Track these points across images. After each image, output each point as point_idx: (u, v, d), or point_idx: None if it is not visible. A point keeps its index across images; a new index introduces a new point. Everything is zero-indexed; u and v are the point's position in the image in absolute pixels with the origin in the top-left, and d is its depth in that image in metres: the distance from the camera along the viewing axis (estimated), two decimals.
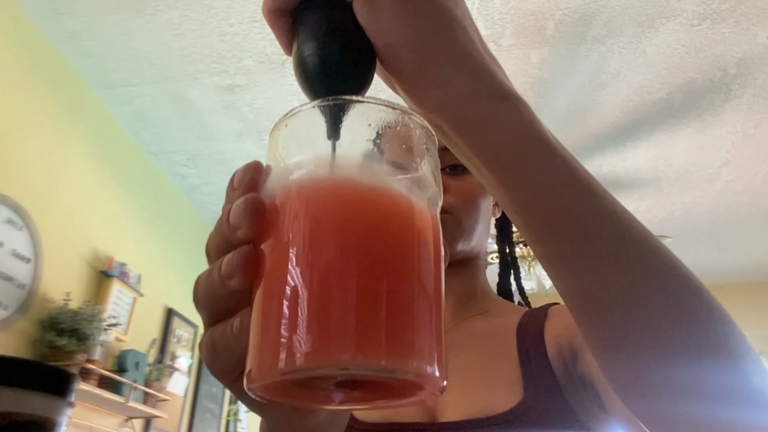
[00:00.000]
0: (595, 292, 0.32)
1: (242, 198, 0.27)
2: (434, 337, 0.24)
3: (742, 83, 2.67)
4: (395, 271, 0.24)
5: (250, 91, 2.76)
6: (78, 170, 2.67)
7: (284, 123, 0.28)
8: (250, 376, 0.24)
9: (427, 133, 0.29)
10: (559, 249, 0.33)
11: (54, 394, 0.46)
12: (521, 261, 3.58)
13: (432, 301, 0.25)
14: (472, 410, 0.59)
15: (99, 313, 2.50)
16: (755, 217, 3.80)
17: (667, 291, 0.32)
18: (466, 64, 0.32)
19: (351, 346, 0.22)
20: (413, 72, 0.32)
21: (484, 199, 0.73)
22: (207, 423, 3.64)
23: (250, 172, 0.28)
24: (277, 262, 0.25)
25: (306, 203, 0.25)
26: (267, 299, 0.25)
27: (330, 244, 0.24)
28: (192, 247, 3.73)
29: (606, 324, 0.33)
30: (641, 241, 0.33)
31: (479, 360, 0.65)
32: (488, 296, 0.75)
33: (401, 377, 0.23)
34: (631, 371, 0.33)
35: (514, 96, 0.33)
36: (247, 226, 0.26)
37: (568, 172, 0.32)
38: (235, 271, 0.26)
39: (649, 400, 0.33)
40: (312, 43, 0.30)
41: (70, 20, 2.39)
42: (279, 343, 0.23)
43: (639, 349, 0.32)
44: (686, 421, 0.32)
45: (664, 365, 0.31)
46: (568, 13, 2.32)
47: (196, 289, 0.29)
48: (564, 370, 0.60)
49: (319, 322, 0.23)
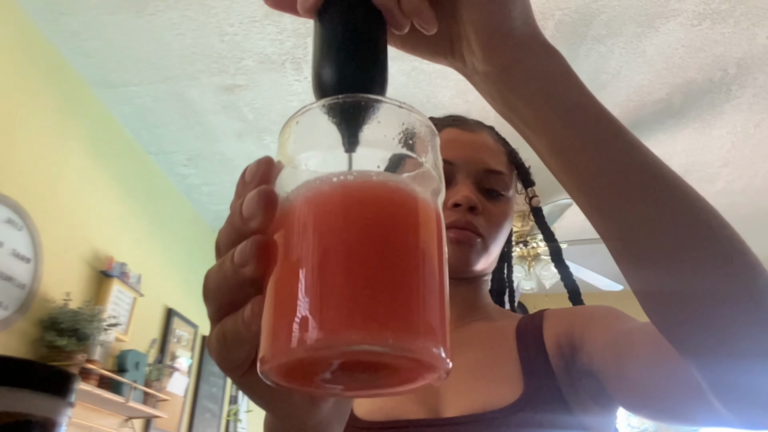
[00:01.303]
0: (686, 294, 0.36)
1: (256, 190, 0.28)
2: (440, 320, 0.25)
3: (742, 83, 2.67)
4: (403, 257, 0.25)
5: (250, 91, 2.76)
6: (78, 170, 2.67)
7: (295, 120, 0.29)
8: (264, 359, 0.25)
9: (431, 130, 0.30)
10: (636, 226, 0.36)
11: (54, 394, 0.46)
12: (521, 261, 3.58)
13: (437, 285, 0.26)
14: (474, 405, 0.61)
15: (99, 313, 2.50)
16: (755, 217, 3.80)
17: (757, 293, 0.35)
18: (532, 22, 0.37)
19: (361, 325, 0.23)
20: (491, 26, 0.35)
21: (508, 226, 0.77)
22: (207, 423, 3.64)
23: (263, 166, 0.29)
24: (289, 248, 0.26)
25: (316, 195, 0.26)
26: (279, 284, 0.26)
27: (340, 231, 0.25)
28: (192, 247, 3.73)
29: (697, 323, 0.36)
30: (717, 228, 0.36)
31: (480, 358, 0.67)
32: (488, 306, 0.78)
33: (409, 355, 0.24)
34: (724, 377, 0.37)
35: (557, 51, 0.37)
36: (261, 216, 0.27)
37: (617, 123, 0.37)
38: (249, 259, 0.27)
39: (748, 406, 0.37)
40: (330, 63, 0.32)
41: (70, 20, 2.39)
42: (292, 325, 0.24)
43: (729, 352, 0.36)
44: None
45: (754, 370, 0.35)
46: (568, 13, 2.32)
47: (207, 281, 0.30)
48: (563, 366, 0.63)
49: (329, 303, 0.24)
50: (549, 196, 3.22)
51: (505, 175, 0.75)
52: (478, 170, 0.73)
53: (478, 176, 0.73)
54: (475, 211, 0.70)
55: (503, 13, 0.35)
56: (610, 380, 0.56)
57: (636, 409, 0.55)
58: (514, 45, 0.36)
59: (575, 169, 0.37)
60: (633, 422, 4.66)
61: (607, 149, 0.36)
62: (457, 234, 0.69)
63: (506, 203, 0.75)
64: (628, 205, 0.36)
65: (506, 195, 0.75)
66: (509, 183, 0.76)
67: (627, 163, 0.36)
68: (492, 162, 0.74)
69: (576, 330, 0.63)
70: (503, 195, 0.75)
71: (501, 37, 0.35)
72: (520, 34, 0.36)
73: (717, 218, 0.36)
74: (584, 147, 0.36)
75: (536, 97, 0.36)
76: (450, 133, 0.76)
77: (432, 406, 0.64)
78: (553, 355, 0.64)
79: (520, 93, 0.37)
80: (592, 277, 3.49)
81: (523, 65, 0.36)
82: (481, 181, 0.73)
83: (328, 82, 0.32)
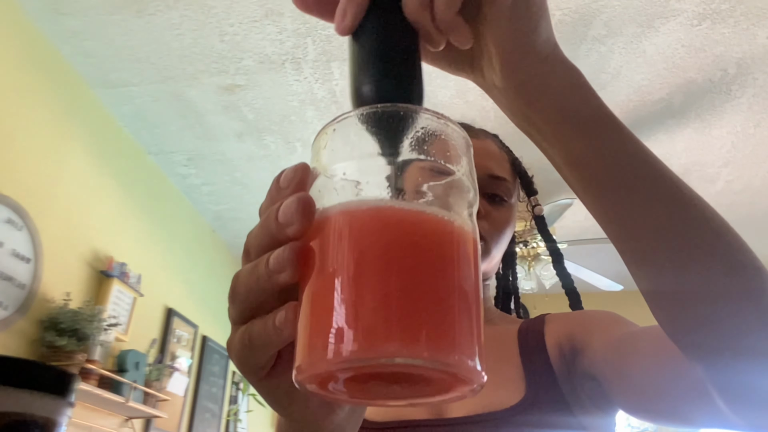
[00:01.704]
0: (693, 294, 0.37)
1: (294, 196, 0.27)
2: (475, 335, 0.25)
3: (742, 83, 2.67)
4: (440, 272, 0.26)
5: (250, 91, 2.76)
6: (78, 170, 2.67)
7: (332, 127, 0.29)
8: (300, 368, 0.25)
9: (466, 142, 0.30)
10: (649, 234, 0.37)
11: (54, 394, 0.46)
12: (521, 261, 3.58)
13: (472, 300, 0.26)
14: (478, 406, 0.62)
15: (99, 313, 2.50)
16: (755, 217, 3.80)
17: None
18: (553, 39, 0.37)
19: (397, 337, 0.23)
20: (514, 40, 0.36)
21: (510, 231, 0.78)
22: (207, 423, 3.64)
23: (300, 172, 0.29)
24: (327, 259, 0.26)
25: (356, 211, 0.27)
26: (317, 294, 0.26)
27: (379, 245, 0.26)
28: (192, 247, 3.73)
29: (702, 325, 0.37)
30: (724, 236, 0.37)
31: None
32: (490, 310, 0.80)
33: (445, 369, 0.24)
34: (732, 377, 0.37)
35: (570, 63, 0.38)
36: (299, 223, 0.27)
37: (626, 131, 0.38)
38: (286, 265, 0.27)
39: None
40: (369, 80, 0.32)
41: (70, 20, 2.39)
42: (328, 336, 0.24)
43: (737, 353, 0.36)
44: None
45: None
46: (568, 13, 2.32)
47: (236, 284, 0.30)
48: (564, 368, 0.64)
49: (368, 316, 0.24)
50: (549, 196, 3.22)
51: (509, 182, 0.77)
52: (482, 176, 0.74)
53: (482, 182, 0.74)
54: (478, 215, 0.71)
55: (530, 33, 0.35)
56: (612, 383, 0.56)
57: (638, 411, 0.55)
58: (536, 62, 0.36)
59: (592, 182, 0.38)
60: (633, 422, 4.66)
61: (623, 163, 0.37)
62: None
63: (509, 209, 0.77)
64: (643, 214, 0.37)
65: (509, 201, 0.77)
66: (512, 190, 0.78)
67: (643, 175, 0.37)
68: (496, 168, 0.76)
69: (577, 334, 0.64)
70: (506, 201, 0.76)
71: (523, 55, 0.36)
72: (542, 51, 0.36)
73: (723, 224, 0.37)
74: (601, 160, 0.37)
75: (553, 112, 0.37)
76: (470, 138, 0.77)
77: (436, 407, 0.64)
78: (555, 358, 0.64)
79: (537, 108, 0.37)
80: (592, 277, 3.49)
81: (543, 80, 0.36)
82: (485, 186, 0.75)
83: (368, 100, 0.32)
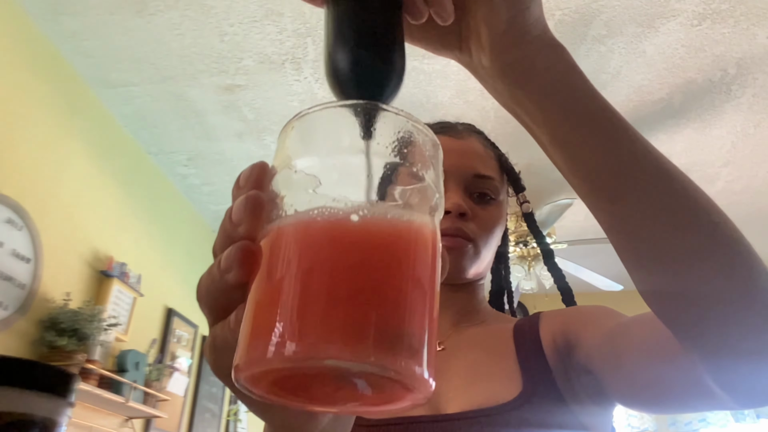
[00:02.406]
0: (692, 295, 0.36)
1: (244, 196, 0.27)
2: (425, 341, 0.24)
3: (742, 83, 2.67)
4: (391, 271, 0.24)
5: (250, 91, 2.76)
6: (78, 170, 2.67)
7: (293, 124, 0.28)
8: (238, 367, 0.24)
9: (434, 144, 0.29)
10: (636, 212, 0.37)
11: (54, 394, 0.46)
12: (521, 261, 3.58)
13: (426, 305, 0.25)
14: (475, 402, 0.62)
15: (99, 313, 2.50)
16: (755, 217, 3.81)
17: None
18: (543, 20, 0.37)
19: (341, 340, 0.22)
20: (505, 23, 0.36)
21: (500, 230, 0.77)
22: (207, 423, 3.64)
23: (256, 171, 0.29)
24: (271, 256, 0.25)
25: (308, 209, 0.25)
26: (260, 292, 0.25)
27: (325, 241, 0.24)
28: (192, 247, 3.73)
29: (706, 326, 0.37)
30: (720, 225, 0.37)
31: (479, 358, 0.69)
32: (485, 310, 0.79)
33: (390, 375, 0.22)
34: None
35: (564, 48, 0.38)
36: (247, 221, 0.27)
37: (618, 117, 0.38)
38: (233, 265, 0.26)
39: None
40: (344, 47, 0.30)
41: (70, 20, 2.39)
42: (268, 335, 0.23)
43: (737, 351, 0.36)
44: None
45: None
46: (568, 13, 2.32)
47: (199, 287, 0.30)
48: (560, 363, 0.64)
49: (309, 316, 0.23)
50: (549, 196, 3.22)
51: (495, 180, 0.76)
52: (467, 176, 0.74)
53: (467, 182, 0.74)
54: (465, 217, 0.71)
55: (521, 12, 0.35)
56: (607, 374, 0.56)
57: (633, 401, 0.55)
58: (525, 43, 0.36)
59: (579, 163, 0.37)
60: (633, 422, 4.66)
61: (610, 143, 0.37)
62: (448, 242, 0.70)
63: (497, 207, 0.76)
64: (632, 199, 0.36)
65: (497, 199, 0.76)
66: (499, 187, 0.77)
67: (631, 157, 0.36)
68: (481, 167, 0.75)
69: (571, 328, 0.64)
70: (494, 199, 0.75)
71: (514, 36, 0.35)
72: (532, 31, 0.36)
73: (720, 215, 0.36)
74: (587, 140, 0.37)
75: (541, 91, 0.37)
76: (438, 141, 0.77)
77: (433, 403, 0.65)
78: (550, 354, 0.65)
79: (526, 88, 0.37)
80: (592, 277, 3.49)
81: (531, 61, 0.36)
82: (471, 186, 0.74)
83: (343, 70, 0.30)
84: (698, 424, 4.52)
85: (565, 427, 0.60)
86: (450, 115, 0.85)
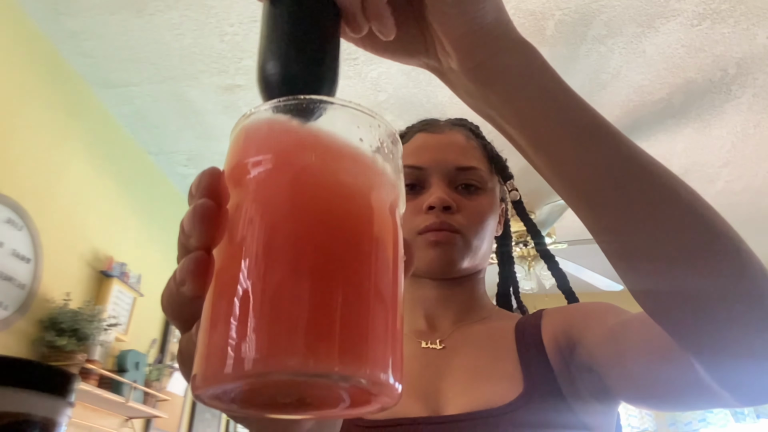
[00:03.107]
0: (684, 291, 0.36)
1: (192, 205, 0.26)
2: (390, 345, 0.23)
3: (742, 83, 2.67)
4: (350, 275, 0.23)
5: (250, 91, 2.76)
6: (78, 170, 2.67)
7: (241, 124, 0.27)
8: (195, 382, 0.23)
9: (392, 138, 0.28)
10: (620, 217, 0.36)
11: (54, 394, 0.46)
12: (521, 261, 3.58)
13: (388, 307, 0.24)
14: (475, 403, 0.61)
15: (99, 313, 2.50)
16: (755, 217, 3.80)
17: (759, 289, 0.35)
18: (505, 18, 0.37)
19: (301, 350, 0.21)
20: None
21: (491, 219, 0.75)
22: (207, 423, 3.64)
23: (206, 178, 0.27)
24: (226, 264, 0.24)
25: (258, 205, 0.24)
26: (214, 303, 0.24)
27: (281, 245, 0.23)
28: None
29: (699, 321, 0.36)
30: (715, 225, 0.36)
31: (480, 357, 0.68)
32: (487, 306, 0.78)
33: (354, 384, 0.22)
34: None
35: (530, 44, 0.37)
36: (197, 232, 0.26)
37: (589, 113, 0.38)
38: (186, 277, 0.26)
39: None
40: (275, 60, 0.29)
41: (70, 20, 2.39)
42: (225, 348, 0.22)
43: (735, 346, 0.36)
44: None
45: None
46: (568, 13, 2.32)
47: (162, 299, 0.29)
48: (561, 362, 0.63)
49: (268, 326, 0.22)
50: (549, 196, 3.22)
51: (480, 170, 0.75)
52: (449, 170, 0.73)
53: (450, 175, 0.73)
54: (450, 210, 0.71)
55: (475, 15, 0.34)
56: (610, 372, 0.56)
57: (636, 398, 0.55)
58: (488, 42, 0.35)
59: (557, 163, 0.36)
60: (633, 423, 4.66)
61: (587, 140, 0.36)
62: (435, 236, 0.70)
63: (484, 197, 0.75)
64: (613, 197, 0.35)
65: (484, 189, 0.75)
66: (486, 176, 0.76)
67: (609, 154, 0.36)
68: (462, 159, 0.74)
69: (573, 326, 0.64)
70: (480, 189, 0.74)
71: (473, 37, 0.35)
72: (492, 30, 0.35)
73: (710, 211, 0.36)
74: (564, 138, 0.36)
75: (512, 91, 0.36)
76: (419, 138, 0.77)
77: (433, 404, 0.64)
78: (552, 352, 0.64)
79: (495, 88, 0.36)
80: (592, 277, 3.49)
81: (498, 60, 0.36)
82: (455, 179, 0.73)
83: (272, 77, 0.29)
84: (698, 424, 4.51)
85: (567, 427, 0.59)
86: (450, 115, 0.85)
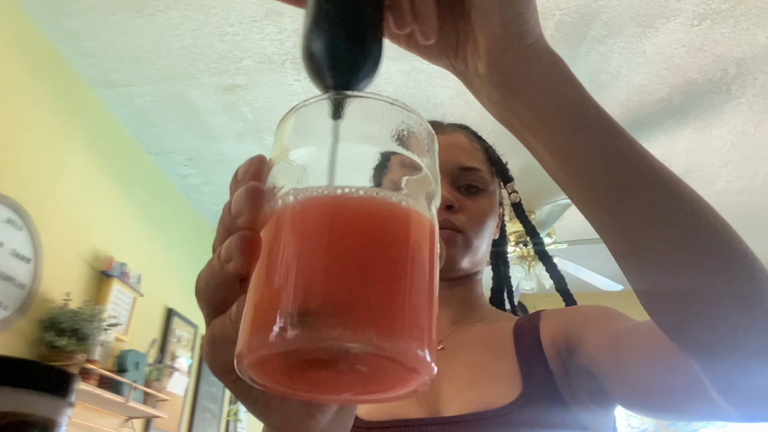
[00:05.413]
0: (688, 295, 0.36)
1: (243, 187, 0.28)
2: (426, 325, 0.24)
3: (742, 83, 2.67)
4: (391, 257, 0.25)
5: (250, 91, 2.76)
6: (78, 170, 2.67)
7: (290, 117, 0.29)
8: (240, 354, 0.24)
9: (429, 133, 0.29)
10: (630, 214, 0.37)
11: (54, 394, 0.46)
12: (521, 261, 3.58)
13: (425, 289, 0.25)
14: (474, 404, 0.62)
15: (99, 313, 2.50)
16: (755, 217, 3.80)
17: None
18: (539, 27, 0.37)
19: (342, 321, 0.22)
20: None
21: (492, 220, 0.77)
22: (207, 423, 3.64)
23: (255, 164, 0.29)
24: (274, 243, 0.25)
25: (306, 197, 0.26)
26: (261, 278, 0.25)
27: (325, 225, 0.25)
28: (192, 247, 3.73)
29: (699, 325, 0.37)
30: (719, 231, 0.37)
31: (479, 358, 0.68)
32: (484, 306, 0.79)
33: (391, 356, 0.23)
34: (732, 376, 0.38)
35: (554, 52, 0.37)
36: (246, 212, 0.27)
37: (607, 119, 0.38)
38: (233, 254, 0.27)
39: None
40: (320, 32, 0.30)
41: (70, 20, 2.39)
42: (271, 319, 0.23)
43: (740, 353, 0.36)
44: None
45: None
46: (568, 13, 2.32)
47: (198, 281, 0.30)
48: (560, 364, 0.63)
49: (311, 299, 0.23)
50: (549, 196, 3.22)
51: (482, 171, 0.76)
52: (452, 169, 0.74)
53: (453, 175, 0.74)
54: (452, 209, 0.72)
55: (518, 17, 0.35)
56: (609, 378, 0.56)
57: (635, 406, 0.55)
58: (520, 47, 0.36)
59: (578, 171, 0.37)
60: (633, 422, 4.66)
61: (609, 150, 0.37)
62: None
63: (486, 198, 0.76)
64: (631, 206, 0.36)
65: (485, 190, 0.76)
66: (487, 178, 0.77)
67: (629, 163, 0.36)
68: (465, 160, 0.75)
69: (573, 330, 0.64)
70: (482, 190, 0.76)
71: (510, 40, 0.35)
72: (528, 37, 0.36)
73: (717, 218, 0.37)
74: (587, 148, 0.37)
75: (540, 99, 0.36)
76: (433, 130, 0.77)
77: (432, 405, 0.64)
78: (551, 354, 0.64)
79: (523, 96, 0.37)
80: (592, 277, 3.49)
81: (528, 67, 0.36)
82: (458, 179, 0.74)
83: (316, 52, 0.30)
84: (698, 424, 4.52)
85: (565, 428, 0.59)
86: (450, 116, 0.85)
